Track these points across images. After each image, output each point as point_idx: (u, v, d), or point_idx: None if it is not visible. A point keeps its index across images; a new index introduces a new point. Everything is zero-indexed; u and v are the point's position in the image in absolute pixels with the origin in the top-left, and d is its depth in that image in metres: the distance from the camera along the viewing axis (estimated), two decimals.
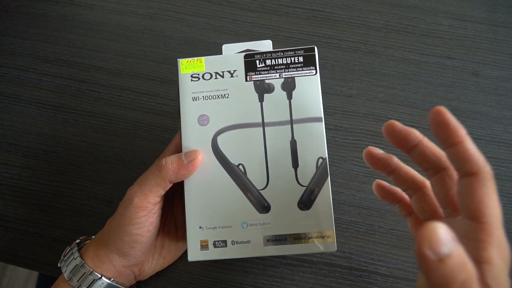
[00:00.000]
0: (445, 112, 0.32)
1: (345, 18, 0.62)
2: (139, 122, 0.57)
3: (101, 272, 0.43)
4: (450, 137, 0.32)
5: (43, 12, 0.63)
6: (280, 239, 0.42)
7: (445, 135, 0.32)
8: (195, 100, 0.44)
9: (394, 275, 0.50)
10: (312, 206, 0.42)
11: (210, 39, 0.61)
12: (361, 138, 0.56)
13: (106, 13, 0.63)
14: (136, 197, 0.41)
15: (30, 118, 0.58)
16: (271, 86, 0.44)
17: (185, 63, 0.45)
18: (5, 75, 0.60)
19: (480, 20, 0.61)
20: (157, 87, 0.59)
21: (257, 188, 0.43)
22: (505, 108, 0.56)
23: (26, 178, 0.56)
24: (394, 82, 0.58)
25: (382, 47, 0.60)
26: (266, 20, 0.62)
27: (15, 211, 0.54)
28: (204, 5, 0.63)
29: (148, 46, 0.61)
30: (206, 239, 0.43)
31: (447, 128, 0.32)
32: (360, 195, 0.53)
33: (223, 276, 0.51)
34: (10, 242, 0.53)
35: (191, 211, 0.43)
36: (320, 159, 0.43)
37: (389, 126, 0.35)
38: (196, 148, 0.43)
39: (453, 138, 0.32)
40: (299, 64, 0.44)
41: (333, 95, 0.58)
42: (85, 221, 0.54)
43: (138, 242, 0.42)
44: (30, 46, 0.62)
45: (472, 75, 0.58)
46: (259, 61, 0.44)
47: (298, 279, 0.50)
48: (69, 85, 0.59)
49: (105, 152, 0.56)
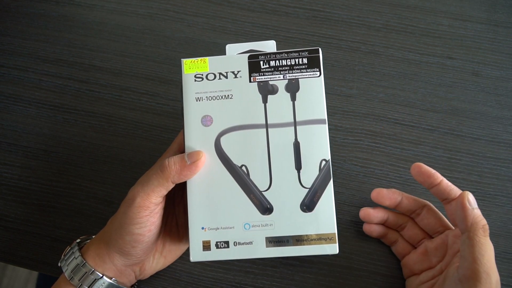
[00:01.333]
0: (422, 165, 0.46)
1: (345, 18, 0.62)
2: (139, 122, 0.57)
3: (102, 271, 0.43)
4: (432, 181, 0.45)
5: (43, 12, 0.63)
6: (282, 240, 0.42)
7: (427, 180, 0.46)
8: (198, 100, 0.44)
9: (394, 275, 0.50)
10: (315, 208, 0.42)
11: (210, 39, 0.61)
12: (361, 138, 0.56)
13: (106, 13, 0.63)
14: (138, 197, 0.41)
15: (30, 118, 0.58)
16: (275, 87, 0.44)
17: (188, 63, 0.45)
18: (5, 75, 0.60)
19: (480, 20, 0.61)
20: (157, 87, 0.59)
21: (260, 189, 0.43)
22: (505, 108, 0.56)
23: (26, 178, 0.56)
24: (394, 82, 0.58)
25: (382, 47, 0.60)
26: (266, 20, 0.62)
27: (15, 211, 0.54)
28: (204, 5, 0.63)
29: (148, 46, 0.61)
30: (209, 239, 0.43)
31: (427, 176, 0.46)
32: (360, 195, 0.54)
33: (223, 276, 0.51)
34: (10, 242, 0.53)
35: (193, 211, 0.43)
36: (323, 161, 0.43)
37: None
38: (199, 148, 0.43)
39: (434, 180, 0.45)
40: (303, 65, 0.44)
41: (333, 95, 0.58)
42: (85, 221, 0.54)
43: (140, 241, 0.42)
44: (30, 46, 0.61)
45: (472, 75, 0.58)
46: (263, 62, 0.44)
47: (298, 279, 0.50)
48: (69, 85, 0.59)
49: (105, 152, 0.56)
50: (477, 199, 0.52)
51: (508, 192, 0.53)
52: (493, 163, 0.54)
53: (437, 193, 0.46)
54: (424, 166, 0.46)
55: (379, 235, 0.50)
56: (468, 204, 0.41)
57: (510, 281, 0.50)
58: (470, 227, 0.40)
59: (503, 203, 0.53)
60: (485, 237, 0.40)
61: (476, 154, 0.55)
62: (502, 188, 0.53)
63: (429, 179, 0.45)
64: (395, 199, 0.48)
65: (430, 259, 0.46)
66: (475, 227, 0.40)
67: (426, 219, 0.48)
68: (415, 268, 0.47)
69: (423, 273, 0.46)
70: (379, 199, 0.49)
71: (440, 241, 0.46)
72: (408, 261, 0.48)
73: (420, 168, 0.46)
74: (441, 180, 0.45)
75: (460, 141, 0.55)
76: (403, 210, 0.49)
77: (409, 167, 0.52)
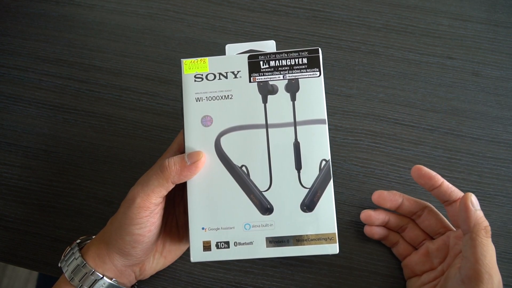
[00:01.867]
0: (422, 167, 0.46)
1: (345, 18, 0.62)
2: (139, 122, 0.57)
3: (102, 272, 0.43)
4: (433, 183, 0.46)
5: (43, 12, 0.63)
6: (283, 240, 0.42)
7: (428, 183, 0.46)
8: (198, 100, 0.44)
9: (394, 275, 0.50)
10: (315, 208, 0.42)
11: (210, 39, 0.61)
12: (361, 138, 0.56)
13: (106, 13, 0.63)
14: (138, 197, 0.41)
15: (30, 118, 0.58)
16: (274, 87, 0.44)
17: (188, 63, 0.45)
18: (5, 75, 0.60)
19: (480, 20, 0.61)
20: (157, 87, 0.59)
21: (260, 189, 0.43)
22: (505, 108, 0.56)
23: (26, 178, 0.56)
24: (394, 82, 0.58)
25: (382, 47, 0.60)
26: (266, 20, 0.62)
27: (15, 211, 0.54)
28: (204, 5, 0.63)
29: (148, 46, 0.61)
30: (209, 240, 0.43)
31: (427, 178, 0.46)
32: (360, 195, 0.54)
33: (223, 276, 0.51)
34: (10, 242, 0.53)
35: (194, 212, 0.43)
36: (323, 161, 0.43)
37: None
38: (199, 149, 0.43)
39: (434, 183, 0.45)
40: (303, 65, 0.44)
41: (333, 95, 0.58)
42: (85, 221, 0.54)
43: (140, 242, 0.42)
44: (30, 46, 0.61)
45: (472, 75, 0.58)
46: (263, 62, 0.44)
47: (298, 279, 0.50)
48: (69, 85, 0.59)
49: (105, 152, 0.56)
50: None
51: (508, 192, 0.53)
52: (493, 163, 0.54)
53: (438, 195, 0.46)
54: (424, 169, 0.46)
55: (381, 237, 0.50)
56: (471, 205, 0.41)
57: (510, 281, 0.50)
58: (472, 228, 0.40)
59: (503, 203, 0.53)
60: (487, 238, 0.40)
61: (476, 154, 0.55)
62: (502, 188, 0.53)
63: (429, 182, 0.46)
64: (396, 201, 0.48)
65: (432, 260, 0.46)
66: (477, 228, 0.40)
67: (427, 221, 0.48)
68: (416, 269, 0.47)
69: (425, 274, 0.46)
70: (380, 202, 0.49)
71: (442, 242, 0.46)
72: (410, 262, 0.48)
73: (420, 171, 0.46)
74: (441, 182, 0.45)
75: (460, 141, 0.55)
76: (404, 212, 0.49)
77: (409, 167, 0.52)
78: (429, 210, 0.48)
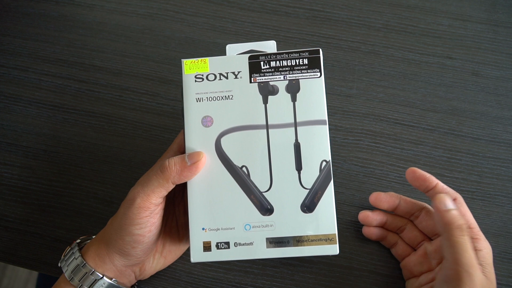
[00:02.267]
0: (416, 169, 0.46)
1: (345, 18, 0.62)
2: (139, 122, 0.57)
3: (102, 272, 0.43)
4: (427, 185, 0.45)
5: (43, 12, 0.63)
6: (283, 241, 0.42)
7: (423, 184, 0.46)
8: (199, 101, 0.44)
9: (394, 275, 0.50)
10: (315, 209, 0.42)
11: (210, 39, 0.61)
12: (361, 138, 0.56)
13: (106, 13, 0.63)
14: (139, 197, 0.41)
15: (30, 118, 0.58)
16: (275, 88, 0.44)
17: (189, 64, 0.45)
18: (5, 75, 0.60)
19: (480, 20, 0.61)
20: (157, 87, 0.59)
21: (260, 190, 0.43)
22: (505, 108, 0.56)
23: (26, 178, 0.56)
24: (394, 82, 0.58)
25: (382, 47, 0.60)
26: (266, 20, 0.62)
27: (15, 211, 0.54)
28: (204, 5, 0.63)
29: (148, 46, 0.61)
30: (209, 240, 0.43)
31: (422, 180, 0.46)
32: (360, 195, 0.54)
33: (223, 276, 0.51)
34: (10, 242, 0.53)
35: (194, 212, 0.43)
36: (323, 162, 0.43)
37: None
38: (199, 149, 0.43)
39: (429, 184, 0.45)
40: (304, 66, 0.44)
41: (333, 95, 0.58)
42: (85, 221, 0.54)
43: (140, 242, 0.42)
44: (30, 46, 0.61)
45: (472, 75, 0.58)
46: (263, 62, 0.44)
47: (298, 279, 0.50)
48: (69, 85, 0.59)
49: (105, 152, 0.56)
50: (477, 199, 0.52)
51: (508, 192, 0.53)
52: (493, 163, 0.54)
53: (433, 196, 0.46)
54: (418, 171, 0.46)
55: (379, 237, 0.50)
56: (442, 206, 0.42)
57: (510, 281, 0.50)
58: (445, 227, 0.41)
59: (503, 203, 0.53)
60: (463, 236, 0.40)
61: (476, 154, 0.55)
62: (502, 188, 0.53)
63: (424, 183, 0.46)
64: (393, 202, 0.49)
65: (430, 261, 0.46)
66: (449, 228, 0.40)
67: (425, 222, 0.47)
68: (414, 270, 0.47)
69: (423, 275, 0.46)
70: (377, 203, 0.49)
71: (439, 244, 0.46)
72: (408, 263, 0.48)
73: (414, 173, 0.46)
74: (436, 183, 0.45)
75: (460, 141, 0.55)
76: (402, 213, 0.49)
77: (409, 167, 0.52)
78: (426, 211, 0.48)
